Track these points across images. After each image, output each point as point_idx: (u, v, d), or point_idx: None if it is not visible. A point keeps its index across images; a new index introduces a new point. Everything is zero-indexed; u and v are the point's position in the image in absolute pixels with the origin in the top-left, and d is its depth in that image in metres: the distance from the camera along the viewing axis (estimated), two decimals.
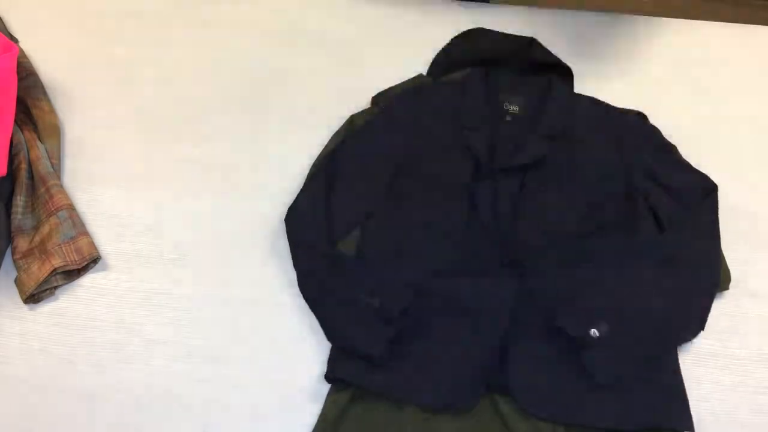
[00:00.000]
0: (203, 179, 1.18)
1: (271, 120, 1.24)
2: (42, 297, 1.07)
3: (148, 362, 1.03)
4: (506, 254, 1.06)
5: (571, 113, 1.17)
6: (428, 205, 1.11)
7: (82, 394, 1.01)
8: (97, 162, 1.20)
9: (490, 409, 0.98)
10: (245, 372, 1.02)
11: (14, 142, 1.15)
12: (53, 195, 1.11)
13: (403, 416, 0.97)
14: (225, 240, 1.13)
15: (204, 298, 1.08)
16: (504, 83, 1.19)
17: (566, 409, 0.96)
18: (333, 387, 1.00)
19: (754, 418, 1.00)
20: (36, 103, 1.22)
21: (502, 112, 1.18)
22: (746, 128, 1.25)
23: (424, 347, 1.00)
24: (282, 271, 1.10)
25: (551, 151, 1.14)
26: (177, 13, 1.37)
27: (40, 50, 1.31)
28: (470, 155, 1.13)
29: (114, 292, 1.09)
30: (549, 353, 1.00)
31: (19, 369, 1.03)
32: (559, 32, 1.35)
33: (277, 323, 1.06)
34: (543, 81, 1.20)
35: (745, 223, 1.14)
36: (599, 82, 1.28)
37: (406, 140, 1.16)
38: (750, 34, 1.36)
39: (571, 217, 1.10)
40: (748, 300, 1.08)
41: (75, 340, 1.05)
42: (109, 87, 1.28)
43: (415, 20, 1.36)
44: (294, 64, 1.31)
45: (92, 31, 1.35)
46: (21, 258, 1.08)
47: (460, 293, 1.03)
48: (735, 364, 1.03)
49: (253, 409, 1.00)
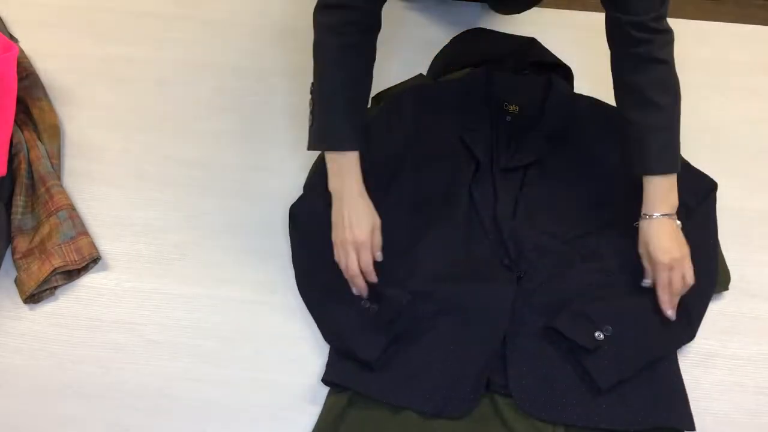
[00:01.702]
0: (203, 179, 1.18)
1: (272, 120, 1.24)
2: (42, 297, 1.07)
3: (147, 362, 1.03)
4: (506, 254, 1.06)
5: (571, 113, 1.17)
6: (428, 204, 1.10)
7: (82, 394, 1.01)
8: (97, 162, 1.20)
9: (490, 409, 0.98)
10: (245, 372, 1.02)
11: (14, 142, 1.15)
12: (53, 195, 1.11)
13: (402, 417, 0.96)
14: (225, 240, 1.13)
15: (204, 298, 1.08)
16: (504, 83, 1.19)
17: (565, 410, 0.96)
18: (332, 388, 1.00)
19: (754, 419, 1.00)
20: (36, 103, 1.22)
21: (502, 112, 1.18)
22: (746, 128, 1.25)
23: (423, 351, 1.00)
24: (282, 272, 1.10)
25: (551, 151, 1.14)
26: (176, 13, 1.37)
27: (40, 50, 1.32)
28: (470, 155, 1.13)
29: (114, 292, 1.09)
30: (549, 354, 1.00)
31: (19, 369, 1.03)
32: (559, 32, 1.35)
33: (277, 323, 1.06)
34: (543, 81, 1.20)
35: (744, 223, 1.14)
36: (599, 82, 1.28)
37: (406, 140, 1.15)
38: (750, 34, 1.36)
39: (570, 217, 1.10)
40: (748, 300, 1.08)
41: (75, 340, 1.05)
42: (109, 87, 1.28)
43: (415, 20, 1.36)
44: (295, 64, 1.31)
45: (92, 31, 1.35)
46: (21, 258, 1.08)
47: (459, 296, 1.02)
48: (735, 364, 1.03)
49: (252, 409, 1.00)
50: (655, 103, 0.99)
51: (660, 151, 0.99)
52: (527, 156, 1.13)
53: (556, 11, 1.39)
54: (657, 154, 0.99)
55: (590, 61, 1.31)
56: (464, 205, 1.10)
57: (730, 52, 1.33)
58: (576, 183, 1.12)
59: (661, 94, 0.99)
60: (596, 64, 1.31)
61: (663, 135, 1.00)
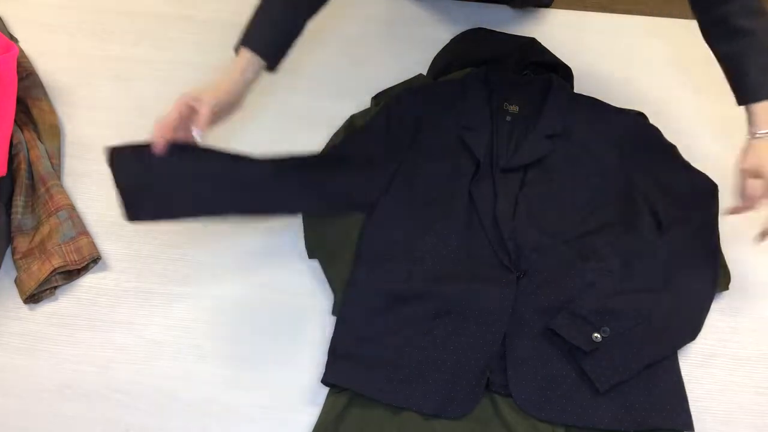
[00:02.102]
0: None
1: (271, 120, 1.24)
2: (42, 297, 1.07)
3: (147, 362, 1.03)
4: (506, 254, 1.06)
5: (571, 113, 1.17)
6: (428, 204, 1.10)
7: (82, 394, 1.01)
8: (97, 162, 1.20)
9: (490, 409, 0.98)
10: (245, 372, 1.02)
11: (14, 142, 1.15)
12: (53, 195, 1.11)
13: (402, 417, 0.96)
14: (225, 240, 1.13)
15: (204, 299, 1.08)
16: (504, 83, 1.19)
17: (565, 411, 0.96)
18: (332, 388, 1.00)
19: (754, 419, 1.00)
20: (36, 103, 1.22)
21: (502, 112, 1.18)
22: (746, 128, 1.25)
23: (423, 351, 1.00)
24: (282, 272, 1.10)
25: (551, 151, 1.14)
26: (176, 13, 1.37)
27: (40, 50, 1.32)
28: (470, 155, 1.13)
29: (114, 292, 1.09)
30: (549, 354, 1.00)
31: (19, 369, 1.03)
32: (559, 32, 1.35)
33: (277, 324, 1.06)
34: (543, 81, 1.20)
35: (744, 223, 1.14)
36: (599, 82, 1.28)
37: (406, 140, 1.15)
38: None
39: (570, 217, 1.10)
40: (748, 300, 1.08)
41: (75, 340, 1.05)
42: (109, 87, 1.29)
43: (415, 20, 1.37)
44: (294, 64, 1.31)
45: (92, 31, 1.35)
46: (21, 258, 1.08)
47: (459, 296, 1.02)
48: (735, 364, 1.03)
49: (252, 409, 1.00)
50: (745, 29, 0.97)
51: (759, 77, 0.97)
52: (527, 156, 1.13)
53: (556, 11, 1.39)
54: (757, 81, 0.97)
55: (590, 61, 1.31)
56: (464, 205, 1.10)
57: None
58: (576, 183, 1.12)
59: (747, 18, 0.97)
60: (596, 64, 1.31)
61: (760, 59, 0.97)
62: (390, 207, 1.10)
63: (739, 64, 0.98)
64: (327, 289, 1.08)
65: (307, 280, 1.09)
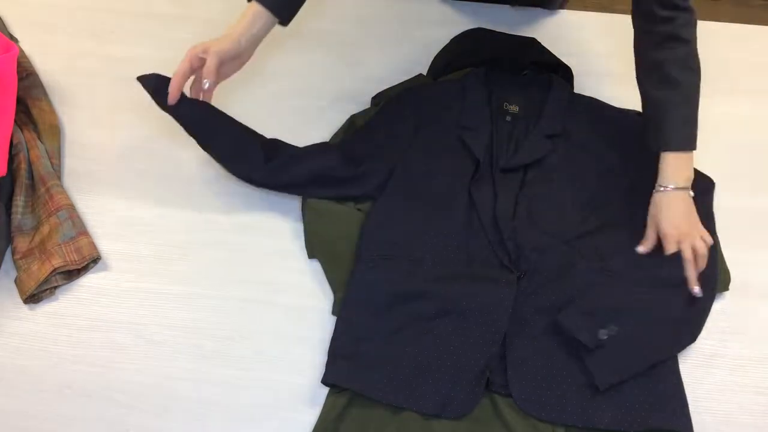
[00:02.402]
0: (203, 179, 1.18)
1: (271, 120, 1.24)
2: (42, 297, 1.07)
3: (147, 362, 1.03)
4: (506, 255, 1.06)
5: (571, 113, 1.17)
6: (427, 204, 1.11)
7: (82, 394, 1.01)
8: (97, 162, 1.20)
9: (490, 409, 0.98)
10: (245, 372, 1.02)
11: (14, 142, 1.15)
12: (53, 195, 1.11)
13: (402, 417, 0.96)
14: (225, 240, 1.13)
15: (204, 298, 1.08)
16: (504, 83, 1.19)
17: (565, 411, 0.96)
18: (332, 388, 1.00)
19: (754, 419, 1.00)
20: (36, 103, 1.22)
21: (502, 112, 1.18)
22: (745, 128, 1.25)
23: (423, 351, 1.00)
24: (283, 272, 1.10)
25: (551, 151, 1.14)
26: (176, 13, 1.37)
27: (40, 50, 1.32)
28: (470, 155, 1.13)
29: (114, 292, 1.09)
30: (549, 354, 1.00)
31: (19, 369, 1.03)
32: (559, 32, 1.35)
33: (277, 323, 1.06)
34: (543, 81, 1.20)
35: (744, 223, 1.14)
36: (599, 82, 1.28)
37: (405, 140, 1.16)
38: (750, 34, 1.36)
39: (571, 217, 1.10)
40: (748, 300, 1.08)
41: (75, 340, 1.05)
42: (109, 87, 1.28)
43: (415, 20, 1.37)
44: (294, 64, 1.31)
45: (92, 31, 1.35)
46: (21, 258, 1.08)
47: (459, 296, 1.02)
48: (735, 364, 1.03)
49: (252, 409, 1.00)
50: (675, 80, 1.00)
51: (677, 127, 1.00)
52: (527, 156, 1.13)
53: (556, 11, 1.39)
54: (674, 130, 1.00)
55: (590, 61, 1.31)
56: (464, 205, 1.10)
57: (730, 52, 1.33)
58: (576, 183, 1.12)
59: (681, 71, 1.00)
60: (596, 64, 1.31)
61: (681, 111, 1.00)
62: (390, 207, 1.10)
63: (661, 111, 1.02)
64: (327, 289, 1.08)
65: (307, 280, 1.09)
